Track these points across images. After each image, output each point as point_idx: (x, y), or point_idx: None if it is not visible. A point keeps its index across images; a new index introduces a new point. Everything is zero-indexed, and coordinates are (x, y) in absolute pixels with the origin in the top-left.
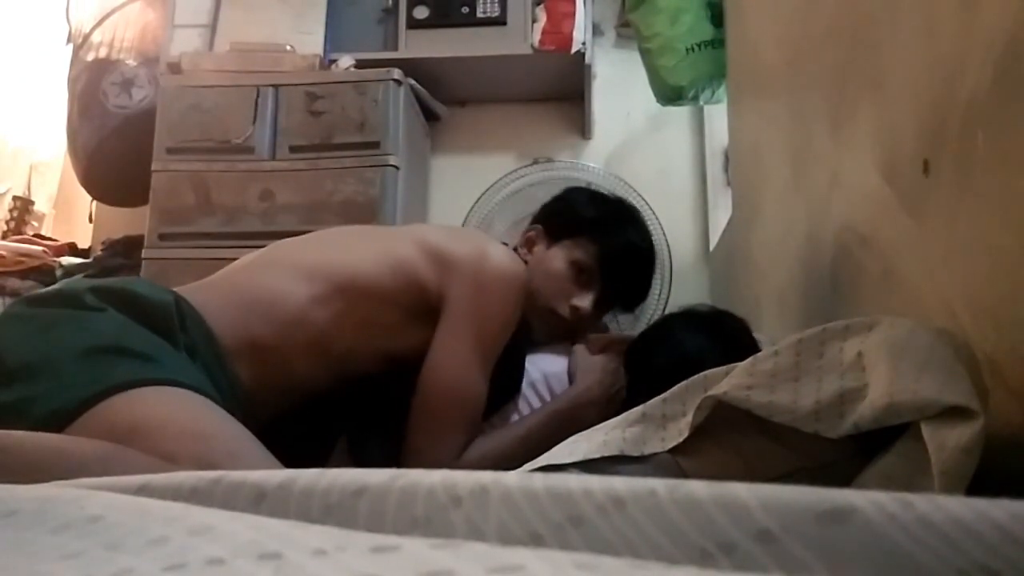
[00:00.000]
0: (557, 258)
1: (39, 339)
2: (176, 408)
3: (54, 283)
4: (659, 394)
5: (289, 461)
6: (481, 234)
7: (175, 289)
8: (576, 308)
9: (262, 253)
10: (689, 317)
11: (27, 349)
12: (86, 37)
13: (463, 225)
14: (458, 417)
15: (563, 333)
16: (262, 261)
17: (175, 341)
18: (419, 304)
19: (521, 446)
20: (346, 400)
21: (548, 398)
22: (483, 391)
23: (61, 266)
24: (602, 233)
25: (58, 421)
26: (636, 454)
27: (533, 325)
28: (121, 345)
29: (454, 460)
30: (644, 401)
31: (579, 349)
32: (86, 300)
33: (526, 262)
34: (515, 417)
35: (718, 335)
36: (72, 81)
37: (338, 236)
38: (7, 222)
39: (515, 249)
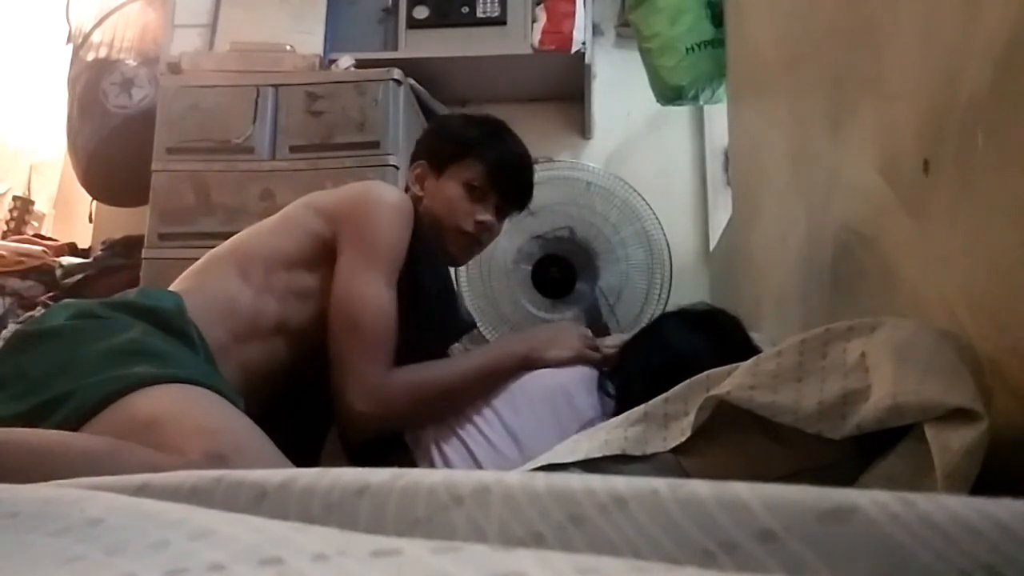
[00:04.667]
0: (450, 185)
1: (61, 348)
2: (191, 404)
3: (54, 283)
4: (654, 393)
5: (284, 451)
6: (367, 181)
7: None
8: (481, 222)
9: (216, 251)
10: (682, 316)
11: (49, 358)
12: (86, 37)
13: None
14: (369, 329)
15: (475, 247)
16: (214, 259)
17: (188, 340)
18: (324, 257)
19: (463, 380)
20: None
21: (561, 408)
22: (388, 301)
23: (61, 266)
24: (483, 150)
25: (81, 417)
26: (638, 454)
27: (448, 251)
28: (139, 347)
29: (381, 376)
30: (639, 401)
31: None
32: (99, 312)
33: (421, 198)
34: (514, 392)
35: (710, 332)
36: (72, 81)
37: (259, 224)
38: (7, 222)
39: (406, 189)
